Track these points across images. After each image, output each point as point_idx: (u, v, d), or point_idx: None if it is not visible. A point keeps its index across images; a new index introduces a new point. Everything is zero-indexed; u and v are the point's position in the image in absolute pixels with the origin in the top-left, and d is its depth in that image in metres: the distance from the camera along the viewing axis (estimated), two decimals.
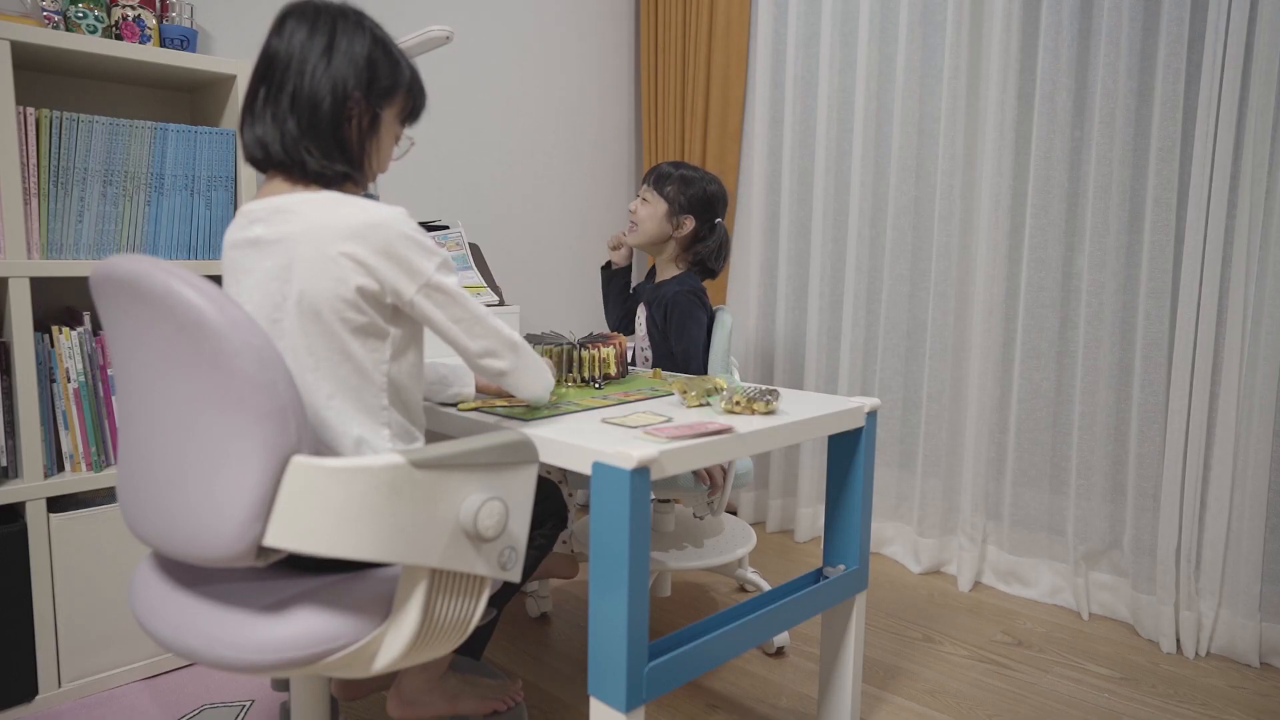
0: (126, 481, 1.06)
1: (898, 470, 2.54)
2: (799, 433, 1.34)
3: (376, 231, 1.05)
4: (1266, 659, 1.89)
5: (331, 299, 1.05)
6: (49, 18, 1.66)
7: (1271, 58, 1.77)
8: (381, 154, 1.20)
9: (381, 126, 1.17)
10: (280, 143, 1.09)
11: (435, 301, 1.10)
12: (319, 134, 1.10)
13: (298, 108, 1.09)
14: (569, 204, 2.93)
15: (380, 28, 1.16)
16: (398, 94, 1.18)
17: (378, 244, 1.05)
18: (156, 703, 1.64)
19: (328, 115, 1.10)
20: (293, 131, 1.09)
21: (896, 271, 2.45)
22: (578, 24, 2.89)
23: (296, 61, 1.09)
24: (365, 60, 1.12)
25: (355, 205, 1.07)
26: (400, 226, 1.07)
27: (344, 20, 1.12)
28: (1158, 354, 1.97)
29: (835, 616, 1.54)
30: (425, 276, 1.09)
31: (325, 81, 1.09)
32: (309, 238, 1.05)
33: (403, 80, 1.18)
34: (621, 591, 1.09)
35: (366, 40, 1.13)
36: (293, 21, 1.11)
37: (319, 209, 1.07)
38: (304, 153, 1.09)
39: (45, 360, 1.61)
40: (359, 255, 1.05)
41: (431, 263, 1.09)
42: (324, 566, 1.09)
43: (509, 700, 1.51)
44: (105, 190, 1.66)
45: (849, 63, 2.54)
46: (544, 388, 1.29)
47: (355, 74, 1.11)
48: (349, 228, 1.05)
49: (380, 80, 1.14)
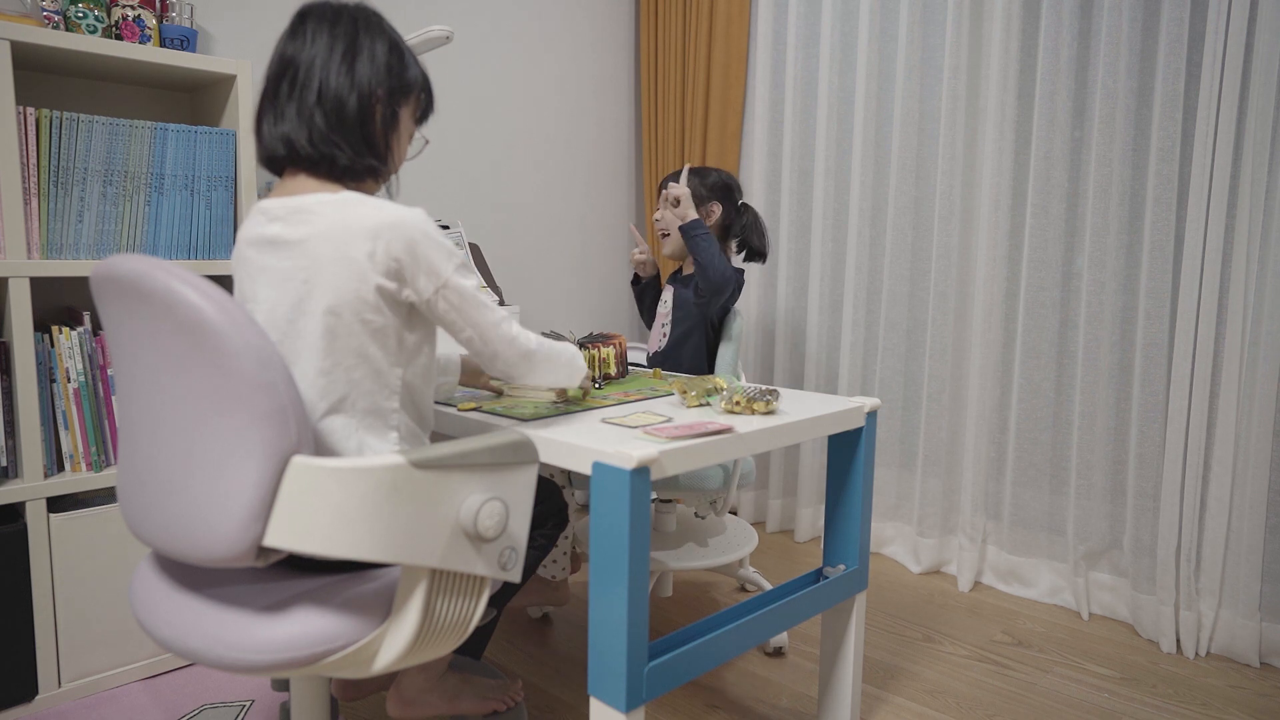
0: (126, 481, 1.06)
1: (898, 470, 2.54)
2: (799, 433, 1.34)
3: (397, 231, 1.06)
4: (1266, 659, 1.89)
5: (352, 300, 1.05)
6: (49, 18, 1.66)
7: (1271, 58, 1.77)
8: (401, 151, 1.22)
9: (400, 124, 1.19)
10: (308, 139, 1.10)
11: (452, 303, 1.11)
12: (347, 129, 1.11)
13: (324, 105, 1.10)
14: (569, 204, 2.93)
15: (394, 29, 1.19)
16: (413, 93, 1.20)
17: (398, 243, 1.06)
18: (156, 703, 1.64)
19: (355, 112, 1.11)
20: (321, 128, 1.10)
21: (896, 271, 2.45)
22: (578, 24, 2.89)
23: (321, 61, 1.11)
24: (386, 60, 1.14)
25: (374, 205, 1.08)
26: (421, 226, 1.08)
27: (364, 20, 1.15)
28: (1158, 354, 1.97)
29: (835, 616, 1.55)
30: (444, 277, 1.09)
31: (350, 79, 1.11)
32: (329, 238, 1.05)
33: (417, 81, 1.20)
34: (621, 591, 1.09)
35: (386, 41, 1.15)
36: (313, 21, 1.13)
37: (339, 209, 1.07)
38: (334, 148, 1.10)
39: (45, 360, 1.61)
40: (379, 255, 1.05)
41: (451, 264, 1.10)
42: (324, 567, 1.09)
43: (509, 700, 1.51)
44: (105, 190, 1.66)
45: (849, 63, 2.54)
46: (565, 380, 1.31)
47: (377, 72, 1.13)
48: (369, 227, 1.05)
49: (398, 80, 1.16)
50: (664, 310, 2.06)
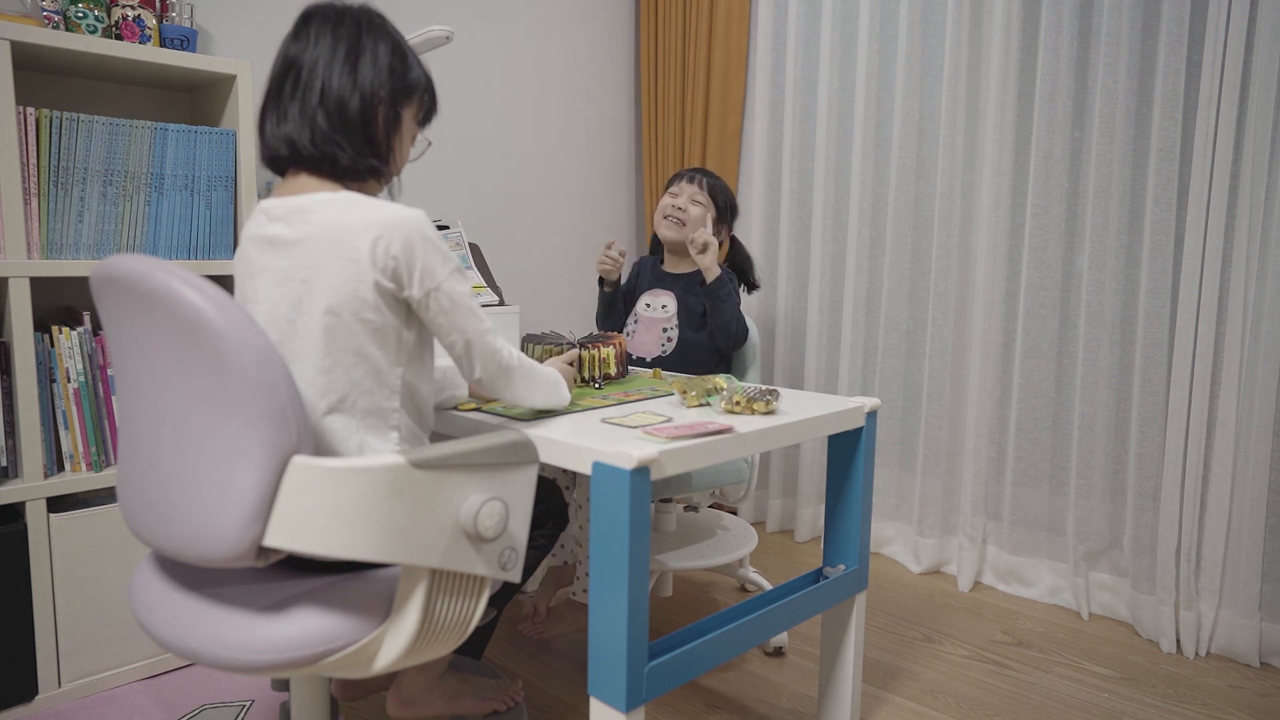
0: (126, 481, 1.06)
1: (898, 470, 2.54)
2: (799, 433, 1.34)
3: (396, 230, 1.06)
4: (1266, 659, 1.89)
5: (351, 299, 1.05)
6: (49, 18, 1.66)
7: (1271, 57, 1.77)
8: (403, 152, 1.22)
9: (403, 126, 1.19)
10: (310, 139, 1.10)
11: (443, 306, 1.11)
12: (349, 130, 1.12)
13: (326, 105, 1.10)
14: (569, 204, 2.93)
15: (398, 31, 1.19)
16: (415, 95, 1.20)
17: (396, 242, 1.06)
18: (156, 703, 1.64)
19: (357, 112, 1.12)
20: (323, 128, 1.10)
21: (896, 271, 2.45)
22: (578, 24, 2.89)
23: (324, 62, 1.11)
24: (388, 61, 1.14)
25: (373, 205, 1.08)
26: (420, 227, 1.08)
27: (367, 22, 1.15)
28: (1158, 354, 1.97)
29: (835, 616, 1.55)
30: (438, 280, 1.09)
31: (353, 80, 1.11)
32: (328, 237, 1.06)
33: (420, 82, 1.20)
34: (621, 591, 1.09)
35: (390, 42, 1.16)
36: (316, 23, 1.13)
37: (338, 209, 1.07)
38: (335, 148, 1.11)
39: (45, 360, 1.61)
40: (378, 254, 1.05)
41: (446, 267, 1.10)
42: (324, 567, 1.09)
43: (509, 700, 1.51)
44: (105, 190, 1.66)
45: (849, 63, 2.54)
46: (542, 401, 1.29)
47: (380, 74, 1.13)
48: (368, 227, 1.05)
49: (401, 81, 1.16)
50: (664, 315, 2.05)
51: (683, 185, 2.06)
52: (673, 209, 2.05)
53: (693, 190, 2.04)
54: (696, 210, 2.02)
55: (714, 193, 2.05)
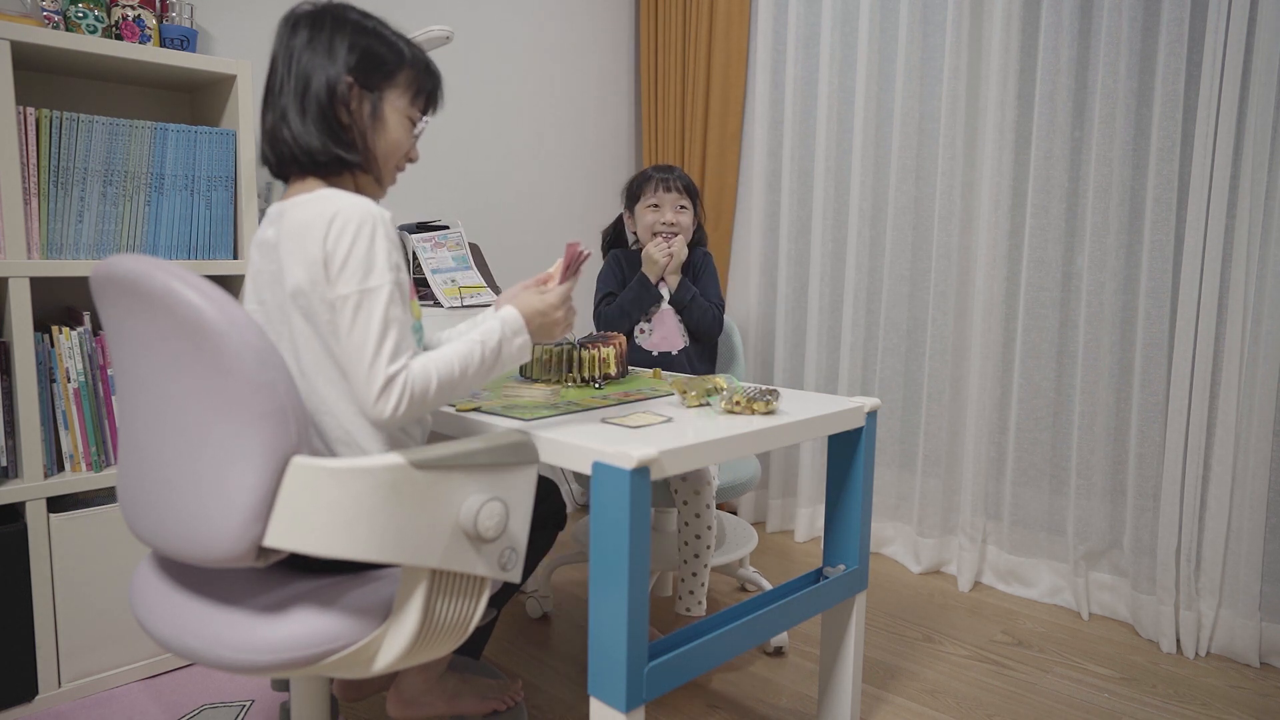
0: (126, 481, 1.06)
1: (898, 470, 2.54)
2: (799, 433, 1.34)
3: (332, 224, 1.03)
4: (1266, 659, 1.89)
5: (315, 299, 1.05)
6: (49, 18, 1.66)
7: (1271, 57, 1.77)
8: (390, 139, 1.18)
9: (385, 111, 1.17)
10: (290, 139, 1.11)
11: (343, 319, 1.01)
12: (316, 120, 1.11)
13: (294, 100, 1.11)
14: (569, 204, 2.93)
15: (372, 17, 1.18)
16: (398, 76, 1.17)
17: (329, 235, 1.02)
18: (156, 703, 1.64)
19: (319, 102, 1.11)
20: (296, 124, 1.11)
21: (896, 271, 2.45)
22: (578, 24, 2.88)
23: (295, 61, 1.12)
24: (349, 46, 1.13)
25: (329, 199, 1.06)
26: (359, 221, 1.02)
27: (333, 16, 1.15)
28: (1158, 354, 1.97)
29: (835, 616, 1.54)
30: (351, 287, 1.01)
31: (313, 70, 1.11)
32: (293, 236, 1.06)
33: (401, 61, 1.17)
34: (621, 591, 1.09)
35: (355, 29, 1.14)
36: (283, 25, 1.16)
37: (303, 207, 1.07)
38: (310, 140, 1.11)
39: (45, 360, 1.61)
40: (327, 246, 1.02)
41: (368, 280, 1.01)
42: (324, 567, 1.09)
43: (509, 700, 1.51)
44: (105, 190, 1.66)
45: (849, 63, 2.54)
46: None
47: (339, 62, 1.12)
48: (316, 222, 1.04)
49: (373, 64, 1.14)
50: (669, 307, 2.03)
51: (662, 195, 1.99)
52: (663, 225, 1.98)
53: (673, 198, 1.99)
54: (685, 219, 2.00)
55: (689, 190, 2.00)
